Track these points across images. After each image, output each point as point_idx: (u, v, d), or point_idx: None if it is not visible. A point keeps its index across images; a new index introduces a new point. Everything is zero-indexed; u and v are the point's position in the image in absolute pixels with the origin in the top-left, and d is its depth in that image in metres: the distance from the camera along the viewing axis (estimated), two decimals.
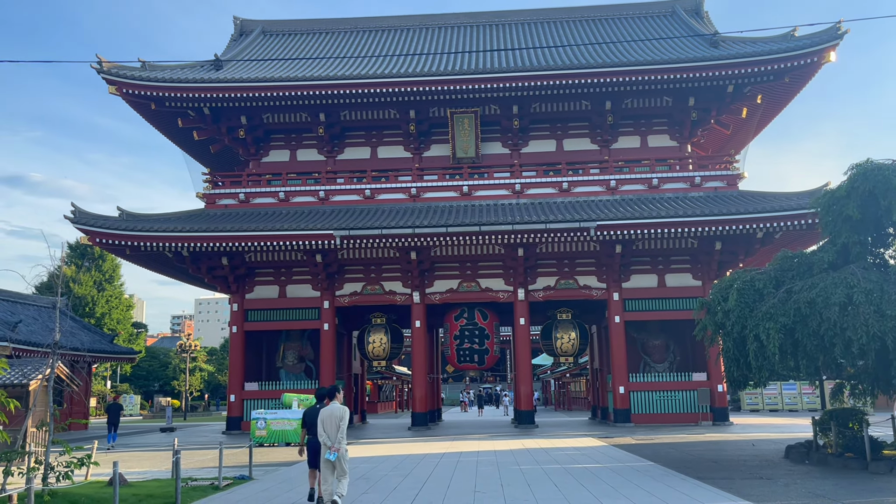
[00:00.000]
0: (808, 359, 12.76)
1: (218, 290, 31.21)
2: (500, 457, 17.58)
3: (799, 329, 12.53)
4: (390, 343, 30.88)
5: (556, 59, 28.68)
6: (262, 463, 17.26)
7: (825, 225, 13.91)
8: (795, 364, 13.72)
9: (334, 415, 9.97)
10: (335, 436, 9.85)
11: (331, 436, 9.88)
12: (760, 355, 12.96)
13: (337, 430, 9.84)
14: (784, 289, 13.19)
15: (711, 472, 13.66)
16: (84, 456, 10.76)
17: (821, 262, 13.43)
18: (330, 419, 9.95)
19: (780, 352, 12.61)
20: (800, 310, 12.51)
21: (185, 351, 53.38)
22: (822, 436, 15.58)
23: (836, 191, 13.71)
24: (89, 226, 26.76)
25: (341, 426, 9.86)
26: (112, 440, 24.73)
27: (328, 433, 9.90)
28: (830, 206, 13.63)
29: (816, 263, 13.52)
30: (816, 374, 13.54)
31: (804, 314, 12.46)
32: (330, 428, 9.90)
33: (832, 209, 13.55)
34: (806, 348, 12.56)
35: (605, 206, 27.51)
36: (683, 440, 21.23)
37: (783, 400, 42.76)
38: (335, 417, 9.94)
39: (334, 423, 9.89)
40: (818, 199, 14.54)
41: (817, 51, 26.28)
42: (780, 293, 13.11)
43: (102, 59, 27.80)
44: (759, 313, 12.99)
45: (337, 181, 30.12)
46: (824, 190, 17.51)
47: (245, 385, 29.35)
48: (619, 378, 28.17)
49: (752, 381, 15.16)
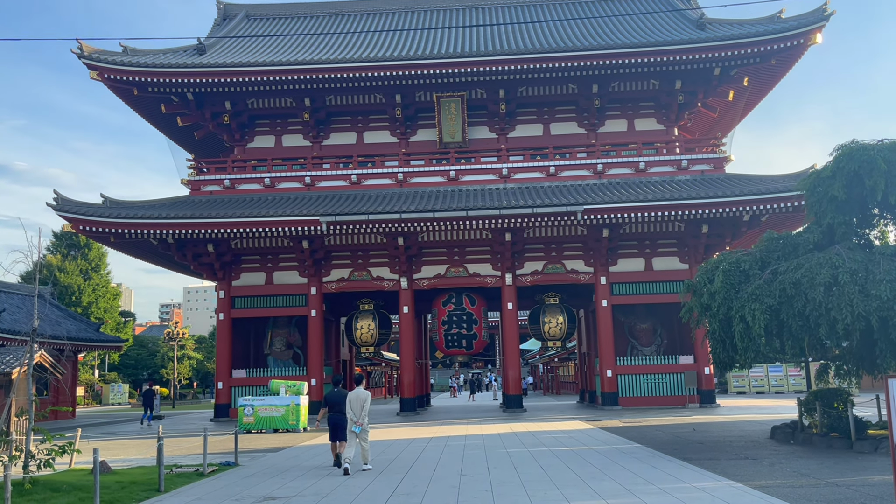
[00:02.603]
0: (793, 339, 12.75)
1: (204, 278, 30.98)
2: (487, 440, 17.58)
3: (784, 310, 12.51)
4: (378, 329, 30.81)
5: (543, 42, 28.50)
6: (249, 449, 17.17)
7: (811, 206, 13.87)
8: (780, 345, 13.73)
9: (360, 397, 12.33)
10: (360, 413, 12.19)
11: (356, 413, 12.19)
12: (746, 336, 12.94)
13: (361, 409, 12.19)
14: (769, 270, 13.16)
15: (697, 452, 13.69)
16: (66, 443, 10.62)
17: (806, 243, 13.40)
18: (356, 400, 12.29)
19: (766, 333, 12.58)
20: (785, 290, 12.49)
21: (172, 339, 52.99)
22: (808, 416, 15.64)
23: (822, 171, 13.65)
24: (72, 213, 26.43)
25: (365, 406, 12.24)
26: (149, 420, 29.17)
27: (354, 411, 12.20)
28: (816, 186, 13.58)
29: (802, 244, 13.49)
30: (802, 355, 13.56)
31: (789, 295, 12.44)
32: (356, 407, 12.22)
33: (817, 190, 13.49)
34: (791, 329, 12.55)
35: (593, 190, 27.47)
36: (670, 422, 21.32)
37: (769, 382, 43.14)
38: (360, 399, 12.30)
39: (359, 404, 12.24)
40: (804, 180, 14.53)
41: (803, 32, 26.26)
42: (766, 274, 13.08)
43: (83, 43, 27.37)
44: (744, 294, 12.96)
45: (323, 167, 29.91)
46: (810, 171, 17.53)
47: (232, 372, 29.24)
48: (607, 361, 28.25)
49: (738, 363, 15.18)
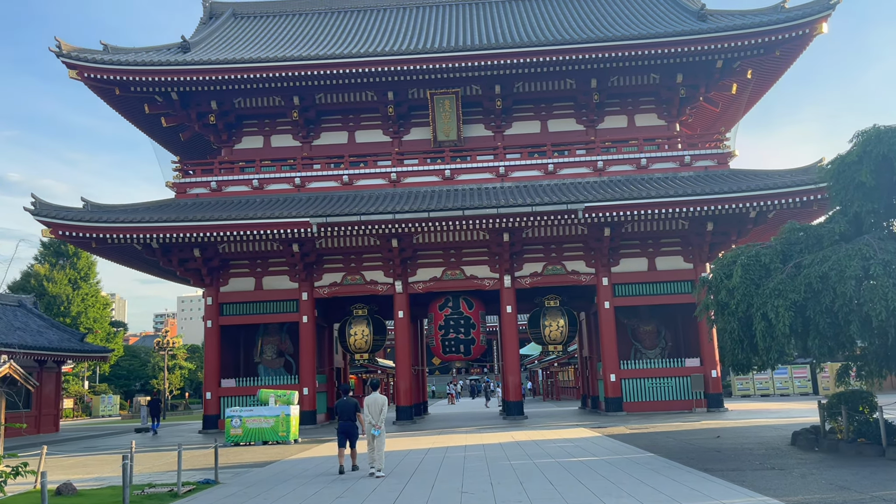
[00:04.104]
0: (820, 338, 11.69)
1: (191, 284, 29.80)
2: (488, 451, 16.51)
3: (811, 306, 11.50)
4: (372, 335, 29.68)
5: (540, 36, 27.54)
6: (234, 464, 16.06)
7: (835, 193, 12.84)
8: (804, 344, 12.71)
9: (377, 401, 13.35)
10: (378, 417, 13.15)
11: (374, 417, 13.15)
12: (768, 335, 11.91)
13: (379, 413, 13.20)
14: (793, 263, 12.14)
15: (717, 462, 12.64)
16: (20, 464, 9.52)
17: (831, 234, 12.37)
18: (374, 404, 13.30)
19: (791, 331, 11.56)
20: (811, 285, 11.47)
21: (162, 349, 51.70)
22: (831, 421, 14.63)
23: (847, 156, 12.61)
24: (50, 217, 25.28)
25: (383, 410, 13.29)
26: (155, 428, 30.68)
27: (372, 414, 13.20)
28: (841, 172, 12.54)
29: (826, 235, 12.45)
30: (830, 355, 12.51)
31: (816, 289, 11.42)
32: (374, 410, 13.22)
33: (843, 176, 12.47)
34: (818, 326, 11.52)
35: (593, 188, 26.47)
36: (680, 428, 20.29)
37: (774, 384, 42.17)
38: (378, 403, 13.32)
39: (377, 408, 13.26)
40: (826, 168, 13.46)
41: (809, 22, 25.34)
42: (789, 268, 12.06)
43: (62, 41, 26.31)
44: (766, 290, 11.93)
45: (313, 167, 28.85)
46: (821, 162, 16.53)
47: (221, 382, 28.09)
48: (610, 365, 27.21)
49: (757, 365, 14.17)
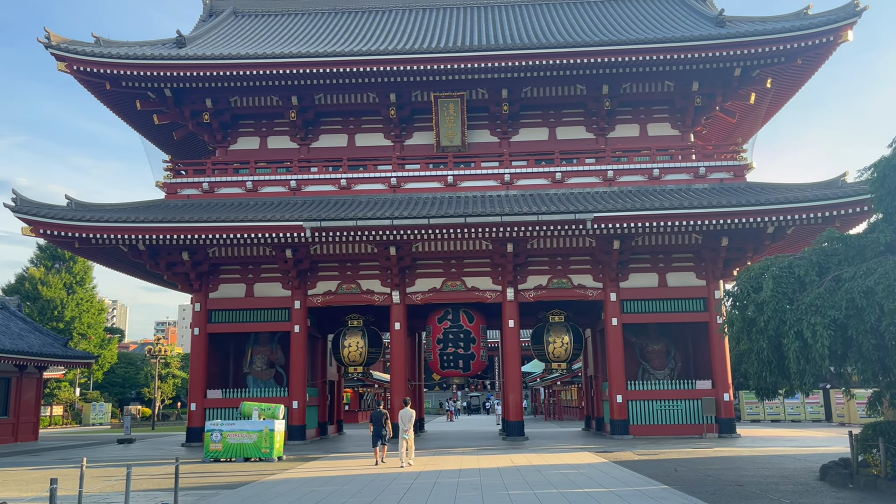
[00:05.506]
0: (863, 361, 10.33)
1: (179, 289, 28.50)
2: (485, 477, 15.10)
3: (852, 324, 10.15)
4: (368, 347, 28.31)
5: (550, 39, 26.36)
6: (201, 485, 14.63)
7: (879, 200, 11.49)
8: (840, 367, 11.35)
9: (408, 413, 18.26)
10: (408, 424, 18.09)
11: (405, 424, 18.05)
12: (803, 357, 10.54)
13: (409, 421, 18.14)
14: (831, 276, 10.79)
15: (742, 500, 11.22)
16: None
17: (875, 245, 11.03)
18: (406, 415, 18.19)
19: (830, 353, 10.19)
20: (853, 300, 10.12)
21: (154, 356, 50.29)
22: (865, 454, 13.21)
23: (892, 158, 11.30)
24: (32, 215, 24.06)
25: (411, 419, 18.24)
26: None
27: (403, 422, 18.09)
28: (886, 176, 11.22)
29: (869, 246, 11.11)
30: (873, 380, 11.14)
31: (859, 306, 10.07)
32: (405, 419, 18.12)
33: (888, 180, 11.14)
34: (861, 348, 10.17)
35: (602, 198, 25.17)
36: (692, 455, 18.85)
37: (785, 410, 40.49)
38: (408, 415, 18.22)
39: (408, 418, 18.17)
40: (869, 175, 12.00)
41: (833, 29, 24.13)
42: (827, 281, 10.72)
43: (52, 32, 25.24)
44: (801, 305, 10.58)
45: (310, 170, 27.59)
46: (881, 157, 14.95)
47: (207, 392, 26.74)
48: (617, 386, 25.77)
49: (782, 389, 12.81)
